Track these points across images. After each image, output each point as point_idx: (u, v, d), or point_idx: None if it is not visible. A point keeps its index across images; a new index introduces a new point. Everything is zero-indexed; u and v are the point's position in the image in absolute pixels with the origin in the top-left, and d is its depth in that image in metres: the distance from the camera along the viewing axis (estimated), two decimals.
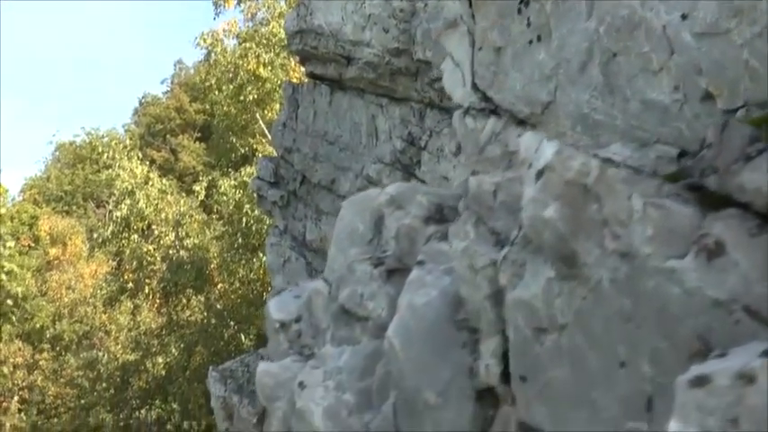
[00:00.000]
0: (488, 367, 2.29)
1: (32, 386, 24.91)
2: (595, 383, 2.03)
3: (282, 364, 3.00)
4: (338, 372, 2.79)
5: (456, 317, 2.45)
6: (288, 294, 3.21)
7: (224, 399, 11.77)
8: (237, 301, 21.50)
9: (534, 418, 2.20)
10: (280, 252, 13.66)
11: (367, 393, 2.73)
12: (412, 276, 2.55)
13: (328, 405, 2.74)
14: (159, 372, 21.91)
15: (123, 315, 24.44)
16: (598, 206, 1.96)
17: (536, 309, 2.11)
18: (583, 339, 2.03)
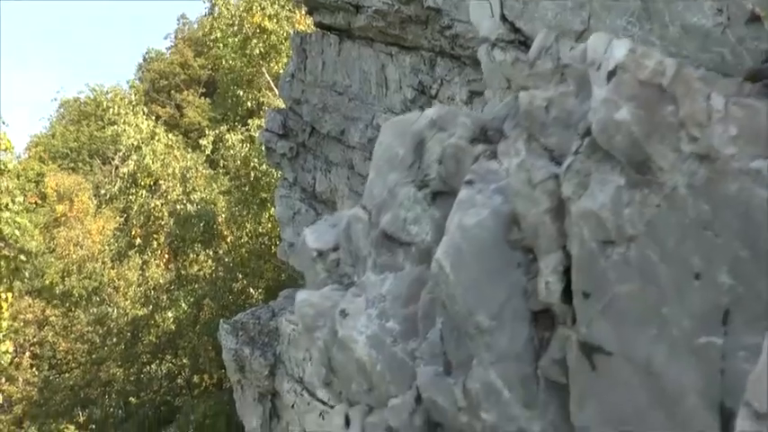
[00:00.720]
0: (548, 285, 2.18)
1: (43, 342, 25.00)
2: (666, 297, 1.93)
3: (323, 293, 2.90)
4: (381, 299, 2.69)
5: (509, 236, 2.34)
6: (323, 224, 3.10)
7: (235, 351, 11.77)
8: (246, 254, 21.44)
9: (597, 336, 2.11)
10: (289, 204, 13.57)
11: (412, 320, 2.64)
12: (461, 196, 2.44)
13: (372, 333, 2.65)
14: (169, 326, 21.92)
15: (132, 270, 24.42)
16: (674, 107, 1.84)
17: (603, 220, 2.00)
18: (654, 251, 1.92)
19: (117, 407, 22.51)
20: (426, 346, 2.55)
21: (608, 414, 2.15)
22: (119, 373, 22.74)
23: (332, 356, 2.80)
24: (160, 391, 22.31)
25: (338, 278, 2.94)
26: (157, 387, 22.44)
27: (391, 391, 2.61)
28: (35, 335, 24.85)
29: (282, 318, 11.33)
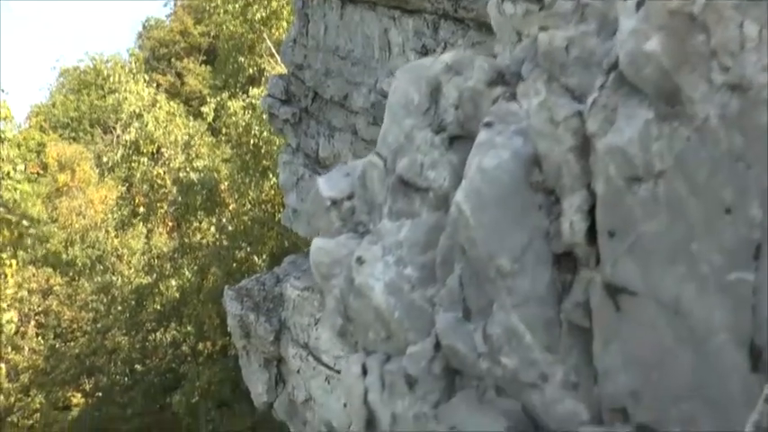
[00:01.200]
0: (572, 225, 2.14)
1: (48, 311, 25.10)
2: (695, 233, 1.89)
3: (338, 241, 2.86)
4: (398, 246, 2.65)
5: (531, 178, 2.29)
6: (337, 172, 3.06)
7: (240, 317, 11.79)
8: (249, 222, 21.44)
9: (622, 277, 2.06)
10: (292, 170, 13.51)
11: (430, 267, 2.60)
12: (480, 139, 2.39)
13: (389, 280, 2.61)
14: (173, 294, 21.99)
15: (135, 239, 24.46)
16: (705, 36, 1.78)
17: (630, 155, 1.95)
18: (683, 185, 1.87)
19: (123, 374, 22.66)
20: (445, 292, 2.51)
21: (632, 356, 2.11)
22: (124, 341, 22.87)
23: (348, 305, 2.76)
24: (165, 358, 22.45)
25: (353, 227, 2.90)
26: (162, 355, 22.58)
27: (409, 339, 2.58)
28: (40, 304, 24.94)
29: (287, 283, 11.33)
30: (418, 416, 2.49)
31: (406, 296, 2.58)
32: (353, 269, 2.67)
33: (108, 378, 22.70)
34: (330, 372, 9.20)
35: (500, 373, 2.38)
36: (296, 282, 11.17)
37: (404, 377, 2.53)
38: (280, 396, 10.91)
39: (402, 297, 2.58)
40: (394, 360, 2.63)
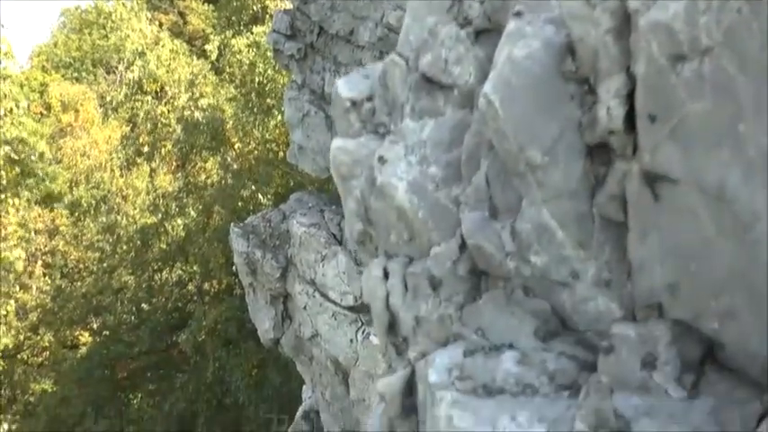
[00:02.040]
0: (610, 111, 2.04)
1: (54, 251, 25.11)
2: (743, 114, 1.79)
3: (359, 141, 2.76)
4: (421, 145, 2.56)
5: (563, 67, 2.19)
6: (357, 74, 2.94)
7: (247, 254, 11.74)
8: (254, 161, 21.34)
9: (662, 163, 1.97)
10: (298, 106, 13.34)
11: (455, 165, 2.51)
12: (509, 29, 2.27)
13: (412, 179, 2.52)
14: (179, 233, 21.99)
15: (140, 179, 24.38)
16: None
17: (675, 32, 1.84)
18: (732, 62, 1.77)
19: (129, 313, 22.77)
20: (471, 190, 2.42)
21: (671, 247, 2.03)
22: (130, 280, 22.92)
23: (369, 206, 2.68)
24: (171, 297, 22.54)
25: (373, 128, 2.80)
26: (168, 294, 22.66)
27: (433, 239, 2.50)
28: (46, 244, 24.94)
29: (293, 220, 11.27)
30: (443, 318, 2.42)
31: (430, 195, 2.49)
32: (375, 169, 2.58)
33: (115, 317, 22.81)
34: (337, 308, 9.20)
35: (529, 273, 2.30)
36: (302, 218, 11.13)
37: (427, 279, 2.46)
38: (286, 332, 10.93)
39: (426, 196, 2.50)
40: (417, 262, 2.55)
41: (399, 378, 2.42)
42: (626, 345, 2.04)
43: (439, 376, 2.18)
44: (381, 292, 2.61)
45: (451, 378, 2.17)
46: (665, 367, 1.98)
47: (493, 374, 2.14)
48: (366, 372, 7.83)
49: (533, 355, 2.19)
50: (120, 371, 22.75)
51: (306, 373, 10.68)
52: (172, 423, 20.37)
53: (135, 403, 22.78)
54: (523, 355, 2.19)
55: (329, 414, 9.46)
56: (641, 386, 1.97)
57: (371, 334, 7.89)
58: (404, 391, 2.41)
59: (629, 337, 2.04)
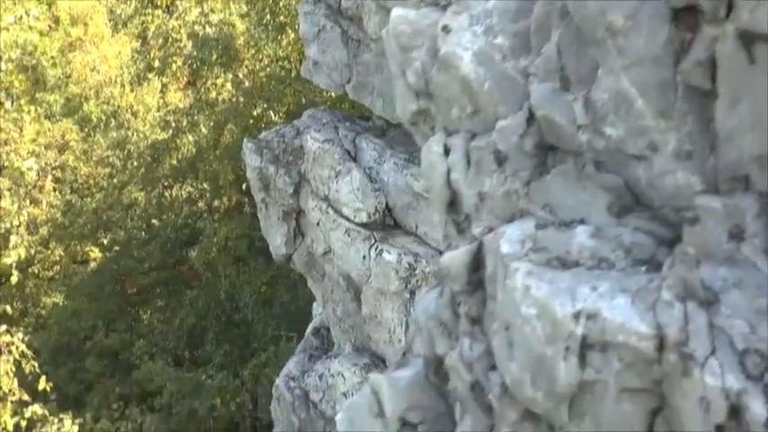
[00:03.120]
0: None
1: (64, 166, 25.05)
2: None
3: (420, 12, 2.62)
4: (487, 15, 2.42)
5: None
6: None
7: (260, 169, 11.62)
8: (266, 78, 21.10)
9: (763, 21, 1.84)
10: (314, 21, 13.06)
11: (523, 36, 2.38)
12: None
13: (478, 50, 2.40)
14: (189, 150, 21.88)
15: (150, 95, 24.17)
16: None
17: None
18: None
19: (140, 229, 22.80)
20: (541, 61, 2.30)
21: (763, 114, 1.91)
22: (140, 196, 22.89)
23: (430, 79, 2.55)
24: (181, 214, 22.53)
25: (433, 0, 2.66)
26: (179, 210, 22.65)
27: (499, 113, 2.38)
28: (56, 159, 24.86)
29: (307, 136, 11.13)
30: (508, 194, 2.33)
31: (497, 66, 2.37)
32: (438, 39, 2.45)
33: (125, 232, 22.84)
34: (350, 224, 9.12)
35: (602, 146, 2.19)
36: (316, 134, 10.99)
37: (492, 154, 2.36)
38: (298, 249, 10.87)
39: (492, 67, 2.38)
40: (481, 137, 2.44)
41: (465, 252, 2.33)
42: (711, 217, 1.95)
43: (512, 247, 2.10)
44: (442, 168, 2.52)
45: (525, 249, 2.09)
46: (753, 240, 1.89)
47: (567, 247, 2.05)
48: (378, 289, 7.80)
49: (607, 229, 2.10)
50: (131, 286, 22.90)
51: (317, 289, 10.66)
52: (181, 338, 20.56)
53: (145, 318, 22.98)
54: (597, 229, 2.11)
55: (340, 330, 9.46)
56: (728, 258, 1.89)
57: (384, 251, 7.83)
58: (470, 265, 2.33)
59: (715, 209, 1.95)
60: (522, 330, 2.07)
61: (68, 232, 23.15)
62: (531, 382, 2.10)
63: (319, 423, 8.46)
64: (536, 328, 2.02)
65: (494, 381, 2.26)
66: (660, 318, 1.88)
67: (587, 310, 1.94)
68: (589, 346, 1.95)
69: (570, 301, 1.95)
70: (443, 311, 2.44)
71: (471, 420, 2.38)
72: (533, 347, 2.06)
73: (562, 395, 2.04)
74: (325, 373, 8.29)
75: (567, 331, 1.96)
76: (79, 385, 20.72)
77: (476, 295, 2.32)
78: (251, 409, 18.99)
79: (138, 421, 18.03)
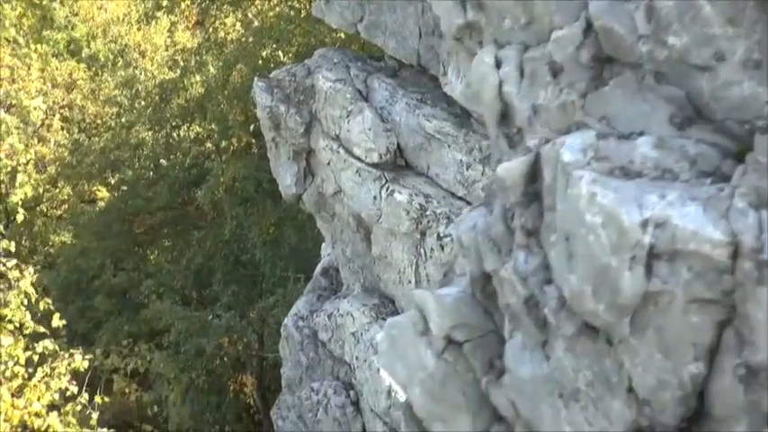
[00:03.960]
0: None
1: (72, 105, 24.95)
2: None
3: None
4: None
5: None
6: None
7: (270, 108, 11.49)
8: (275, 18, 20.85)
9: None
10: None
11: None
12: None
13: None
14: (197, 90, 21.73)
15: (158, 34, 23.94)
16: None
17: None
18: None
19: (147, 169, 22.75)
20: None
21: None
22: (148, 136, 22.79)
23: None
24: (189, 154, 22.45)
25: None
26: (186, 151, 22.57)
27: (555, 23, 2.31)
28: (63, 98, 24.75)
29: (319, 75, 10.99)
30: (564, 106, 2.26)
31: None
32: None
33: (133, 172, 22.82)
34: (361, 164, 9.04)
35: (664, 56, 2.13)
36: (328, 74, 10.86)
37: (547, 65, 2.29)
38: (308, 188, 10.81)
39: None
40: (535, 48, 2.37)
41: (522, 163, 2.28)
42: None
43: (573, 155, 2.05)
44: (493, 80, 2.45)
45: (587, 158, 2.03)
46: None
47: (629, 157, 2.00)
48: (389, 229, 7.75)
49: (670, 141, 2.04)
50: (138, 226, 22.92)
51: (326, 230, 10.62)
52: (189, 278, 20.62)
53: (152, 258, 23.05)
54: (660, 140, 2.05)
55: (349, 271, 9.44)
56: None
57: (395, 191, 7.78)
58: (527, 176, 2.27)
59: None
60: (585, 240, 2.02)
61: (76, 171, 23.13)
62: (592, 293, 2.06)
63: (327, 362, 8.48)
64: (600, 237, 1.97)
65: (550, 294, 2.22)
66: (734, 225, 1.83)
67: (656, 218, 1.89)
68: (656, 255, 1.90)
69: (638, 209, 1.90)
70: (495, 226, 2.39)
71: (522, 337, 2.35)
72: (596, 258, 2.01)
73: (625, 307, 1.99)
74: (334, 313, 8.29)
75: (634, 240, 1.91)
76: (88, 323, 20.89)
77: (532, 207, 2.27)
78: (258, 349, 19.11)
79: (147, 358, 18.19)
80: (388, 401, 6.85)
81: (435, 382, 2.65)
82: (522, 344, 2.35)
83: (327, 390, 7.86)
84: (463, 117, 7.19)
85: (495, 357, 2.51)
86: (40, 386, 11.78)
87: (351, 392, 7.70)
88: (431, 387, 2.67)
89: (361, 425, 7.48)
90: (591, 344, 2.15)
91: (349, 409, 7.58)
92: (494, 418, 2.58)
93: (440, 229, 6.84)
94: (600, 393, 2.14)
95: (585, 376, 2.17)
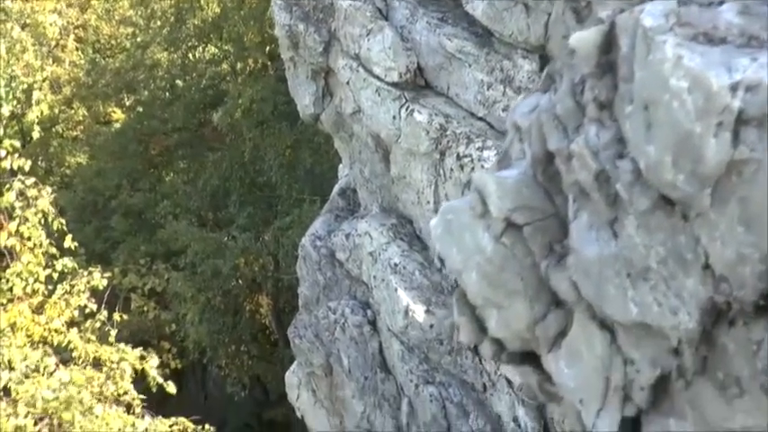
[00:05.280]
0: None
1: (86, 25, 24.76)
2: None
3: None
4: None
5: None
6: None
7: (289, 27, 11.32)
8: None
9: None
10: None
11: None
12: None
13: None
14: (213, 10, 21.49)
15: None
16: None
17: None
18: None
19: (163, 90, 22.64)
20: None
21: None
22: (163, 57, 22.64)
23: None
24: (205, 75, 22.30)
25: None
26: (202, 72, 22.42)
27: None
28: (78, 18, 24.53)
29: None
30: None
31: None
32: None
33: (149, 93, 22.74)
34: (381, 83, 8.93)
35: None
36: None
37: None
38: (326, 108, 10.73)
39: None
40: None
41: (596, 32, 2.19)
42: None
43: (656, 21, 1.97)
44: None
45: (669, 24, 1.96)
46: None
47: (713, 23, 1.92)
48: (408, 149, 7.69)
49: (755, 6, 1.97)
50: (154, 147, 22.94)
51: (344, 150, 10.57)
52: (205, 199, 20.71)
53: (168, 179, 23.13)
54: (744, 6, 1.97)
55: (367, 191, 9.42)
56: None
57: (415, 111, 7.70)
58: (601, 46, 2.20)
59: None
60: (668, 107, 1.94)
61: (91, 92, 23.08)
62: (672, 163, 1.97)
63: (345, 282, 8.52)
64: (686, 102, 1.89)
65: (623, 168, 2.14)
66: None
67: (747, 81, 1.81)
68: (745, 121, 1.82)
69: (727, 72, 1.82)
70: (561, 102, 2.32)
71: (589, 216, 2.30)
72: (679, 124, 1.92)
73: (707, 176, 1.91)
74: (352, 233, 8.28)
75: (722, 104, 1.83)
76: (105, 243, 21.08)
77: (605, 79, 2.19)
78: (273, 271, 19.28)
79: (165, 277, 18.39)
80: (405, 321, 6.90)
81: (493, 266, 2.61)
82: (588, 223, 2.31)
83: (344, 309, 7.92)
84: (484, 37, 7.08)
85: (556, 241, 2.46)
86: (60, 303, 11.95)
87: (368, 312, 7.76)
88: (488, 271, 2.63)
89: (378, 343, 7.55)
90: (665, 219, 2.09)
91: (366, 328, 7.65)
92: (551, 304, 2.56)
93: (459, 149, 6.78)
94: (672, 271, 2.09)
95: (658, 253, 2.13)
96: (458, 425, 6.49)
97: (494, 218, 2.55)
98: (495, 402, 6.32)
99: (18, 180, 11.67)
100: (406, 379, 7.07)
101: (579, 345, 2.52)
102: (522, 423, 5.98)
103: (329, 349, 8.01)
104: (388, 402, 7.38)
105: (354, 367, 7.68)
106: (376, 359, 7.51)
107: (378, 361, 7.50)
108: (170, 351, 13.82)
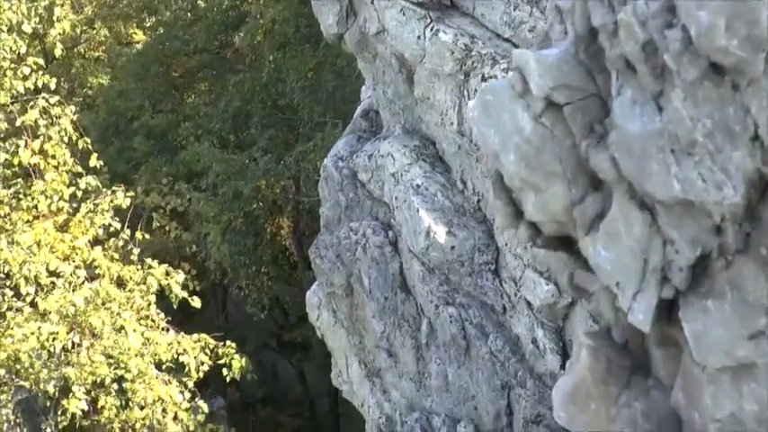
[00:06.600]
0: None
1: None
2: None
3: None
4: None
5: None
6: None
7: None
8: None
9: None
10: None
11: None
12: None
13: None
14: None
15: None
16: None
17: None
18: None
19: (185, 10, 22.43)
20: None
21: None
22: None
23: None
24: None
25: None
26: None
27: None
28: None
29: None
30: None
31: None
32: None
33: (170, 13, 22.53)
34: (405, 3, 8.78)
35: None
36: None
37: None
38: (350, 28, 10.59)
39: None
40: None
41: None
42: None
43: None
44: None
45: None
46: None
47: None
48: (432, 70, 7.57)
49: None
50: (176, 68, 22.81)
51: (367, 71, 10.46)
52: (227, 121, 20.62)
53: (190, 101, 23.06)
54: None
55: (390, 112, 9.35)
56: None
57: (440, 31, 7.57)
58: None
59: None
60: None
61: (113, 12, 22.89)
62: (725, 28, 1.90)
63: (366, 203, 8.51)
64: None
65: (672, 37, 2.07)
66: None
67: None
68: None
69: None
70: None
71: (633, 92, 2.25)
72: None
73: (761, 40, 1.85)
74: (375, 154, 8.23)
75: None
76: (127, 164, 21.14)
77: None
78: (294, 193, 19.32)
79: (187, 197, 18.47)
80: (426, 242, 6.91)
81: (531, 147, 2.57)
82: (632, 99, 2.26)
83: (366, 230, 7.93)
84: None
85: (596, 122, 2.43)
86: (84, 221, 12.07)
87: (389, 233, 7.77)
88: (526, 152, 2.59)
89: (399, 264, 7.58)
90: (714, 89, 2.03)
91: (387, 248, 7.67)
92: (590, 187, 2.53)
93: (484, 70, 6.69)
94: (719, 144, 2.05)
95: (705, 126, 2.08)
96: (477, 345, 6.55)
97: (534, 96, 2.49)
98: (514, 324, 6.37)
99: (42, 97, 11.68)
100: (426, 300, 7.12)
101: (617, 226, 2.48)
102: (540, 345, 6.03)
103: (350, 269, 8.05)
104: (407, 323, 7.44)
105: (375, 287, 7.73)
106: (396, 280, 7.55)
107: (398, 281, 7.54)
108: (190, 272, 13.93)
